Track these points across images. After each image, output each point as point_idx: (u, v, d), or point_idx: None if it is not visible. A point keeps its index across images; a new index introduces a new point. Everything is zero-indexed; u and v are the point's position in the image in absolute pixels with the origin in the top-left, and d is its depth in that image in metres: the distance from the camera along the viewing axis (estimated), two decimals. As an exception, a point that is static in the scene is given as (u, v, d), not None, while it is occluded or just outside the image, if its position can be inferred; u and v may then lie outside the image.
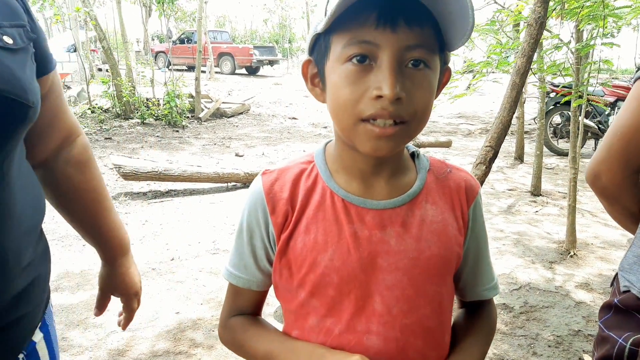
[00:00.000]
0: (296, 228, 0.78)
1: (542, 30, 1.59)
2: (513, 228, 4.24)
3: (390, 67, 0.66)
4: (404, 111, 0.68)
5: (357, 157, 0.77)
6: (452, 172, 0.85)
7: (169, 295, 3.06)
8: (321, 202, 0.78)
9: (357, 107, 0.68)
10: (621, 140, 1.04)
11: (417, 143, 6.87)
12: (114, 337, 2.60)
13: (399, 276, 0.76)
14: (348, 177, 0.79)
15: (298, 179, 0.81)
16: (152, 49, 21.31)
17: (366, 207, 0.77)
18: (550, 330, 2.66)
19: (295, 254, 0.78)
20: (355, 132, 0.70)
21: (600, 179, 1.09)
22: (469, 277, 0.89)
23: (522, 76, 1.60)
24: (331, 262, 0.76)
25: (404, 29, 0.65)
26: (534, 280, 3.24)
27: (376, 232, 0.76)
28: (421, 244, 0.77)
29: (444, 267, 0.80)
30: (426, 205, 0.80)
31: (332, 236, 0.76)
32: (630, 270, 1.06)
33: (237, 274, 0.85)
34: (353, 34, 0.67)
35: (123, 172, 4.94)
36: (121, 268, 1.12)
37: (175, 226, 4.24)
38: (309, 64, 0.78)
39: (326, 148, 0.84)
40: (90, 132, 7.98)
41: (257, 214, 0.81)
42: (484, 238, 0.88)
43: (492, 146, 1.64)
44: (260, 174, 0.83)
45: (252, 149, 7.50)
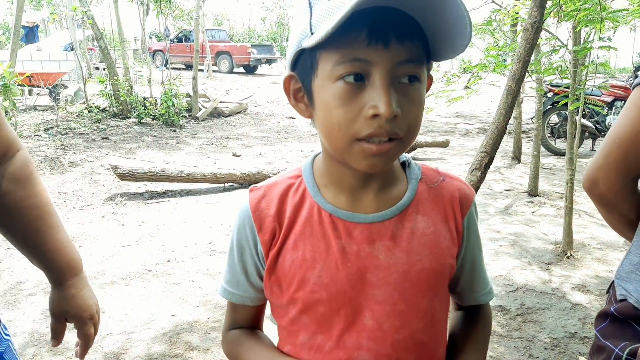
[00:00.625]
0: (284, 245, 0.78)
1: (538, 35, 1.58)
2: (510, 229, 4.24)
3: (384, 85, 0.64)
4: (399, 128, 0.67)
5: (345, 171, 0.76)
6: (446, 181, 0.84)
7: (165, 297, 3.05)
8: (309, 217, 0.77)
9: (352, 127, 0.67)
10: (620, 148, 1.03)
11: (415, 143, 6.86)
12: (110, 340, 2.59)
13: (389, 291, 0.75)
14: (336, 192, 0.78)
15: (285, 195, 0.80)
16: (150, 47, 21.28)
17: (354, 221, 0.76)
18: (546, 333, 2.66)
19: (284, 271, 0.77)
20: (350, 151, 0.69)
21: (598, 186, 1.08)
22: (465, 284, 0.89)
23: (517, 81, 1.59)
24: (320, 278, 0.75)
25: (395, 45, 0.64)
26: (531, 281, 3.24)
27: (365, 246, 0.75)
28: (411, 257, 0.76)
29: (436, 280, 0.79)
30: (417, 217, 0.78)
31: (320, 252, 0.75)
32: (627, 279, 1.06)
33: (230, 290, 0.85)
34: (344, 51, 0.65)
35: (119, 172, 4.93)
36: (71, 290, 1.05)
37: (172, 227, 4.23)
38: (291, 79, 0.76)
39: (314, 162, 0.83)
40: (87, 131, 7.96)
41: (246, 231, 0.80)
42: (479, 246, 0.88)
43: (488, 152, 1.63)
44: (248, 191, 0.83)
45: (249, 149, 7.49)
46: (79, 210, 4.61)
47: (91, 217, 4.45)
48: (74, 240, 3.88)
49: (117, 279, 3.28)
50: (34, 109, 9.81)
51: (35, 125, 8.17)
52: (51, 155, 6.43)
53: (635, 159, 1.02)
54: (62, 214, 4.50)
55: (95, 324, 1.10)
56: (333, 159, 0.76)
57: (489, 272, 3.33)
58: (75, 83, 11.36)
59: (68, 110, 9.00)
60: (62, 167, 5.98)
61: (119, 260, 3.57)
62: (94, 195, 5.06)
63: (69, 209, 4.63)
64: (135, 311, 2.89)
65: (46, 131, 7.77)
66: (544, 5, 1.56)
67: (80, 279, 1.06)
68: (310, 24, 0.67)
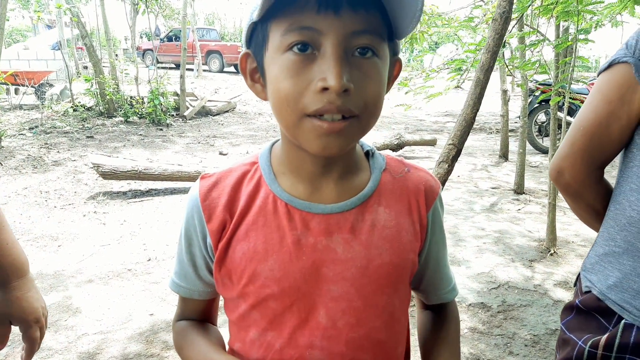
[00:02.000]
0: (234, 235, 0.73)
1: (507, 26, 1.55)
2: (494, 226, 4.23)
3: (335, 56, 0.59)
4: (352, 104, 0.61)
5: (304, 157, 0.71)
6: (411, 172, 0.79)
7: (144, 296, 3.00)
8: (263, 207, 0.72)
9: (300, 101, 0.61)
10: (584, 136, 1.00)
11: (402, 141, 6.84)
12: (85, 340, 2.55)
13: (345, 287, 0.71)
14: (294, 180, 0.73)
15: (239, 183, 0.75)
16: (140, 46, 21.14)
17: (312, 211, 0.71)
18: (527, 329, 2.65)
19: (234, 264, 0.73)
20: (300, 129, 0.64)
21: (563, 175, 1.05)
22: (429, 282, 0.85)
23: (486, 72, 1.56)
24: (272, 272, 0.70)
25: (348, 12, 0.59)
26: (513, 279, 3.22)
27: (322, 239, 0.71)
28: (371, 251, 0.72)
29: (396, 275, 0.75)
30: (378, 209, 0.74)
31: (273, 244, 0.71)
32: (592, 270, 1.04)
33: (179, 283, 0.81)
34: (292, 19, 0.60)
35: (102, 171, 4.86)
36: (16, 292, 1.01)
37: (154, 226, 4.18)
38: (247, 57, 0.71)
39: (272, 148, 0.78)
40: (72, 130, 7.87)
41: (194, 222, 0.75)
42: (443, 241, 0.84)
43: (455, 144, 1.60)
44: (199, 179, 0.77)
45: (236, 147, 7.43)
46: (60, 210, 4.54)
47: (72, 216, 4.39)
48: (52, 239, 3.84)
49: (96, 278, 3.22)
50: (20, 107, 9.70)
51: (20, 124, 8.07)
52: (34, 154, 6.35)
53: (600, 147, 1.00)
54: (43, 213, 4.44)
55: (41, 328, 1.05)
56: (291, 144, 0.71)
57: (472, 269, 3.32)
58: (63, 82, 11.25)
59: (53, 109, 8.90)
60: (44, 166, 5.90)
61: (99, 259, 3.52)
62: (76, 194, 4.99)
63: (50, 208, 4.56)
64: (112, 311, 2.84)
65: (31, 130, 7.68)
66: (512, -4, 1.54)
67: (26, 281, 1.02)
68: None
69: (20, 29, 29.23)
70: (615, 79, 0.96)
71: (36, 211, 4.48)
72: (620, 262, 0.96)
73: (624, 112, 0.95)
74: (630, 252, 0.95)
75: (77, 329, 2.64)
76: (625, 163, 1.00)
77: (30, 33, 26.11)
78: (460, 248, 3.73)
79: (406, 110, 2.59)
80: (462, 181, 5.75)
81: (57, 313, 2.79)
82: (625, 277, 0.95)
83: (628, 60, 0.93)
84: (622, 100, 0.95)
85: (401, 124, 9.93)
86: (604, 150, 1.00)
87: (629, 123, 0.95)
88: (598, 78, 1.02)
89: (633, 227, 0.94)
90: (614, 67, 0.97)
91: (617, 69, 0.96)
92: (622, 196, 0.98)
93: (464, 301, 2.93)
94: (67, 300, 2.95)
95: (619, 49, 0.99)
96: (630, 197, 0.96)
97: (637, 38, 0.94)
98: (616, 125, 0.96)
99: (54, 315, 2.77)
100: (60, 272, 3.31)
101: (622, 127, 0.96)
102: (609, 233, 1.01)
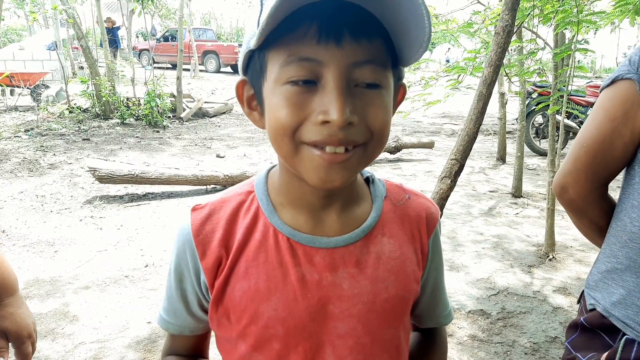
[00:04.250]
0: (233, 273, 0.69)
1: (510, 39, 1.54)
2: (493, 231, 4.22)
3: (337, 88, 0.57)
4: (357, 134, 0.59)
5: (305, 187, 0.67)
6: (411, 199, 0.78)
7: (141, 303, 2.98)
8: (263, 241, 0.69)
9: (299, 130, 0.59)
10: (588, 153, 1.00)
11: (400, 144, 6.83)
12: (82, 349, 2.52)
13: (352, 323, 0.69)
14: (294, 211, 0.70)
15: (235, 215, 0.71)
16: (136, 46, 21.07)
17: (315, 246, 0.68)
18: (527, 337, 2.64)
19: (233, 303, 0.69)
20: (298, 158, 0.61)
21: (567, 191, 1.05)
22: (426, 306, 0.84)
23: (489, 86, 1.55)
24: (275, 312, 0.67)
25: (350, 42, 0.56)
26: (512, 285, 3.22)
27: (327, 274, 0.68)
28: (377, 285, 0.70)
29: (401, 308, 0.73)
30: (382, 239, 0.72)
31: (276, 282, 0.67)
32: (595, 288, 1.03)
33: (167, 320, 0.77)
34: (291, 50, 0.57)
35: (98, 175, 4.83)
36: (9, 308, 1.04)
37: (151, 231, 4.15)
38: (244, 84, 0.67)
39: (269, 176, 0.74)
40: (68, 132, 7.83)
41: (186, 257, 0.71)
42: (441, 266, 0.83)
43: (458, 159, 1.59)
44: (190, 210, 0.73)
45: (233, 150, 7.41)
46: (56, 214, 4.51)
47: (69, 220, 4.36)
48: (49, 244, 3.81)
49: (93, 285, 3.20)
50: (15, 109, 9.64)
51: (16, 126, 8.02)
52: (30, 157, 6.31)
53: (604, 164, 1.00)
54: (39, 217, 4.41)
55: (33, 343, 1.08)
56: (291, 173, 0.68)
57: (471, 275, 3.31)
58: (59, 83, 11.20)
59: (49, 110, 8.85)
60: (40, 170, 5.86)
61: (95, 265, 3.49)
62: (73, 198, 4.96)
63: (46, 213, 4.53)
64: (109, 318, 2.82)
65: (26, 132, 7.63)
66: (515, 8, 1.51)
67: (17, 298, 1.05)
68: (258, 21, 0.60)
69: (16, 28, 29.12)
70: (619, 96, 0.96)
71: (32, 216, 4.45)
72: (623, 278, 0.96)
73: (627, 129, 0.94)
74: (633, 269, 0.94)
75: (74, 338, 2.62)
76: (627, 180, 1.00)
77: (26, 32, 26.00)
78: (459, 253, 3.72)
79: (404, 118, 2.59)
80: (460, 184, 5.75)
81: (54, 321, 2.77)
82: (628, 294, 0.94)
83: (632, 77, 0.93)
84: (626, 117, 0.94)
85: (398, 126, 9.93)
86: (607, 167, 1.00)
87: (632, 140, 0.95)
88: (601, 94, 1.01)
89: (634, 244, 0.94)
90: (617, 84, 0.96)
91: (620, 86, 0.95)
92: (624, 213, 0.98)
93: (463, 308, 2.92)
94: (64, 307, 2.92)
95: (621, 65, 0.98)
96: (632, 213, 0.95)
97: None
98: (620, 142, 0.96)
99: (51, 323, 2.74)
100: (56, 278, 3.28)
101: (626, 144, 0.96)
102: (611, 250, 1.00)
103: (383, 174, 6.19)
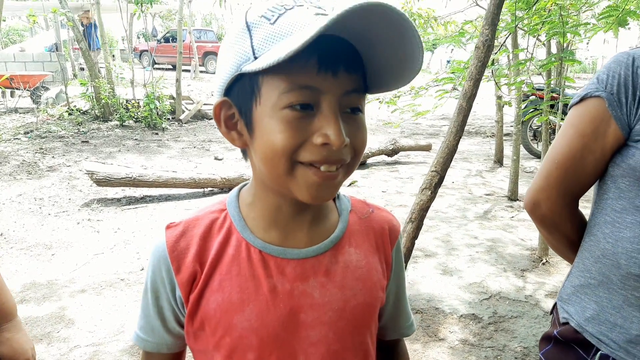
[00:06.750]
0: (207, 286, 0.72)
1: (490, 53, 1.56)
2: (487, 234, 4.24)
3: (334, 114, 0.64)
4: (347, 154, 0.66)
5: (281, 203, 0.72)
6: (375, 213, 0.83)
7: (137, 306, 3.00)
8: (236, 255, 0.72)
9: (296, 152, 0.64)
10: (559, 169, 1.02)
11: (397, 147, 6.85)
12: (77, 352, 2.55)
13: (324, 331, 0.72)
14: (266, 225, 0.73)
15: (208, 232, 0.74)
16: (137, 47, 21.10)
17: (286, 257, 0.72)
18: (517, 341, 2.66)
19: (208, 315, 0.71)
20: (292, 177, 0.65)
21: (539, 207, 1.07)
22: (389, 317, 0.88)
23: (469, 100, 1.57)
24: (249, 322, 0.70)
25: (343, 74, 0.64)
26: (505, 289, 3.24)
27: (298, 284, 0.71)
28: (346, 292, 0.73)
29: (370, 314, 0.77)
30: (350, 250, 0.76)
31: (249, 293, 0.70)
32: (568, 301, 1.05)
33: (144, 338, 0.78)
34: (292, 78, 0.62)
35: (96, 178, 4.86)
36: (6, 333, 1.06)
37: (148, 234, 4.18)
38: (224, 105, 0.70)
39: (240, 194, 0.78)
40: (67, 135, 7.86)
41: (162, 273, 0.73)
42: (403, 277, 0.87)
43: (438, 171, 1.61)
44: (164, 228, 0.76)
45: (232, 152, 7.43)
46: (54, 217, 4.54)
47: (66, 223, 4.39)
48: (46, 248, 3.84)
49: (89, 288, 3.23)
50: (15, 111, 9.68)
51: (15, 129, 8.06)
52: (29, 159, 6.34)
53: (575, 180, 1.02)
54: (37, 220, 4.44)
55: None
56: (267, 190, 0.72)
57: (464, 279, 3.33)
58: (59, 84, 11.23)
59: (49, 112, 8.89)
60: (39, 172, 5.89)
61: (92, 268, 3.52)
62: (70, 201, 4.99)
63: (44, 216, 4.56)
64: (105, 322, 2.85)
65: (26, 134, 7.67)
66: (495, 23, 1.54)
67: (16, 323, 1.07)
68: (252, 48, 0.63)
69: (18, 29, 29.19)
70: (588, 113, 0.98)
71: (30, 219, 4.48)
72: (596, 294, 0.98)
73: (598, 145, 0.96)
74: (605, 285, 0.96)
75: (69, 341, 2.65)
76: (599, 195, 1.02)
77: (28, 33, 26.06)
78: (453, 257, 3.75)
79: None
80: (456, 187, 5.77)
81: (50, 324, 2.80)
82: (601, 310, 0.96)
83: (600, 94, 0.95)
84: (595, 133, 0.96)
85: (397, 128, 9.94)
86: (579, 183, 1.02)
87: (603, 156, 0.97)
88: (570, 112, 1.03)
89: (607, 260, 0.96)
90: (586, 101, 0.98)
91: (589, 103, 0.98)
92: (597, 228, 1.00)
93: (455, 312, 2.94)
94: (60, 311, 2.95)
95: (589, 83, 1.00)
96: (605, 229, 0.97)
97: (608, 73, 0.95)
98: (590, 158, 0.98)
99: (47, 327, 2.77)
100: (53, 281, 3.31)
101: (597, 160, 0.98)
102: (584, 264, 1.02)
103: (381, 176, 6.21)
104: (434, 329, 2.76)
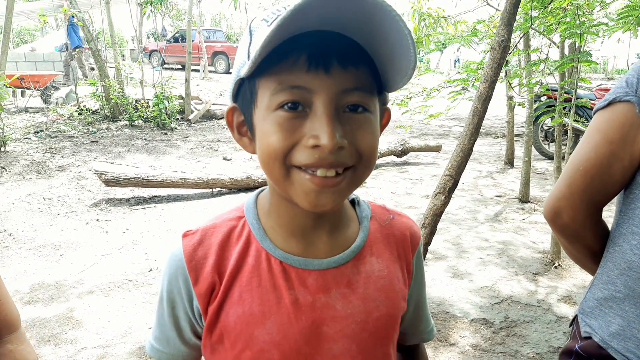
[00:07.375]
0: (227, 298, 0.69)
1: (506, 54, 1.51)
2: (499, 237, 4.19)
3: (327, 114, 0.59)
4: (347, 157, 0.61)
5: (296, 211, 0.68)
6: (395, 219, 0.80)
7: (144, 308, 3.00)
8: (256, 266, 0.69)
9: (290, 154, 0.61)
10: (584, 176, 0.97)
11: (407, 147, 6.80)
12: (84, 354, 2.54)
13: (346, 344, 0.69)
14: (285, 235, 0.71)
15: (227, 241, 0.71)
16: (146, 47, 21.19)
17: (308, 268, 0.69)
18: (529, 347, 2.61)
19: (227, 328, 0.69)
20: (289, 182, 0.62)
21: (561, 216, 1.01)
22: (409, 323, 0.85)
23: (484, 102, 1.53)
24: (270, 336, 0.67)
25: (338, 70, 0.59)
26: (516, 293, 3.19)
27: (320, 296, 0.68)
28: (368, 304, 0.71)
29: (392, 326, 0.75)
30: (371, 259, 0.73)
31: (270, 306, 0.67)
32: (591, 315, 1.00)
33: (159, 349, 0.76)
34: (282, 78, 0.59)
35: (105, 178, 4.87)
36: (9, 345, 1.02)
37: (156, 234, 4.17)
38: (234, 111, 0.69)
39: (258, 200, 0.75)
40: (77, 134, 7.89)
41: (178, 283, 0.71)
42: (424, 284, 0.85)
43: (452, 175, 1.57)
44: (180, 236, 0.73)
45: (240, 152, 7.42)
46: (62, 217, 4.55)
47: (75, 224, 4.39)
48: (55, 248, 3.84)
49: (97, 289, 3.22)
50: (25, 111, 9.74)
51: (26, 128, 8.10)
52: (39, 159, 6.37)
53: (600, 188, 0.97)
54: (46, 220, 4.44)
55: None
56: (281, 197, 0.69)
57: (475, 283, 3.28)
58: (69, 84, 11.29)
59: (59, 112, 8.93)
60: (49, 172, 5.91)
61: (100, 269, 3.51)
62: (79, 201, 5.00)
63: (53, 216, 4.57)
64: (112, 324, 2.83)
65: (36, 134, 7.71)
66: (512, 23, 1.49)
67: (19, 335, 1.04)
68: (248, 51, 0.63)
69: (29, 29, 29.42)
70: (617, 118, 0.93)
71: (39, 219, 4.49)
72: (622, 308, 0.93)
73: (626, 152, 0.92)
74: (632, 298, 0.91)
75: (77, 343, 2.64)
76: (625, 204, 0.97)
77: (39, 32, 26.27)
78: (464, 260, 3.70)
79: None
80: (466, 189, 5.71)
81: (57, 325, 2.79)
82: (628, 325, 0.91)
83: (631, 99, 0.90)
84: (624, 140, 0.91)
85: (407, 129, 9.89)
86: (604, 191, 0.97)
87: (631, 163, 0.92)
88: (595, 116, 0.98)
89: (634, 272, 0.91)
90: (614, 106, 0.94)
91: (618, 108, 0.93)
92: (622, 239, 0.95)
93: (466, 316, 2.89)
94: (68, 312, 2.94)
95: (617, 86, 0.95)
96: (632, 240, 0.92)
97: (638, 76, 0.91)
98: (618, 165, 0.93)
99: (55, 328, 2.76)
100: (61, 282, 3.30)
101: (624, 168, 0.93)
102: (608, 276, 0.97)
103: (390, 177, 6.17)
104: (444, 334, 2.72)
